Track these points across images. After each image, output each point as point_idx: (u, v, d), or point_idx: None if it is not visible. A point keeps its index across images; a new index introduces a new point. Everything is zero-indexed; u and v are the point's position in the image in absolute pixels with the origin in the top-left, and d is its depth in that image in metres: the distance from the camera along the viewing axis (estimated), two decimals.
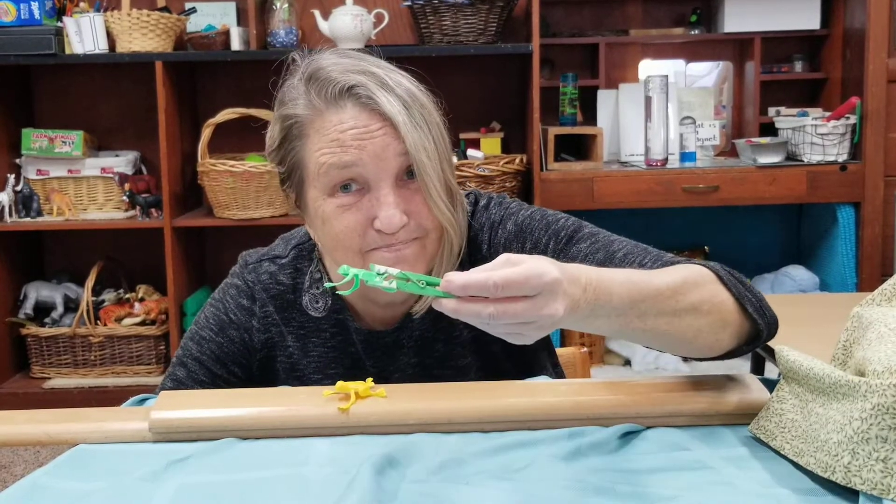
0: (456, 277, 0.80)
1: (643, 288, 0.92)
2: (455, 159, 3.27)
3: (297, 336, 1.24)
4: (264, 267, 1.25)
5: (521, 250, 1.17)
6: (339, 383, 1.03)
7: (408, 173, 1.09)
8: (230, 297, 1.25)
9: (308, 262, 1.25)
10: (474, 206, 1.23)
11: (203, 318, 1.25)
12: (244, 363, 1.24)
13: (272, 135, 1.15)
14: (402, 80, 1.11)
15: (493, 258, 1.06)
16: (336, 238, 1.10)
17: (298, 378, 1.24)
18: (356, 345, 1.23)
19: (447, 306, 0.82)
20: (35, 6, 3.19)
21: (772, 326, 1.04)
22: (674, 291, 0.95)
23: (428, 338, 1.22)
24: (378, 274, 0.85)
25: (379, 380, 1.21)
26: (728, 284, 1.01)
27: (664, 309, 0.94)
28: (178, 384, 1.22)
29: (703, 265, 1.03)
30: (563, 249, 1.15)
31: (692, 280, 0.98)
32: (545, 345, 1.30)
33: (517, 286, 0.80)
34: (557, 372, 1.33)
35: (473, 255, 1.21)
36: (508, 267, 0.81)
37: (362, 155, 1.06)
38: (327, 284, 1.19)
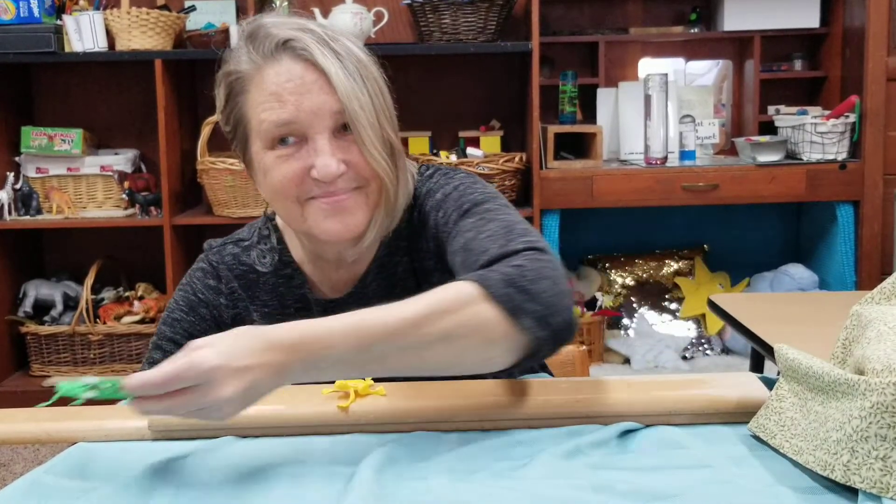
0: (131, 379, 0.84)
1: (375, 331, 0.91)
2: (455, 158, 3.27)
3: (262, 314, 1.27)
4: (228, 249, 1.30)
5: (436, 220, 1.19)
6: (338, 381, 1.03)
7: (345, 127, 1.11)
8: (196, 280, 1.29)
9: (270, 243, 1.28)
10: (421, 176, 1.25)
11: (173, 303, 1.29)
12: None
13: (219, 96, 1.18)
14: (344, 41, 1.13)
15: (423, 226, 1.18)
16: (275, 188, 1.13)
17: None
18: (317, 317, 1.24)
19: (133, 407, 0.86)
20: (34, 4, 3.18)
21: (560, 334, 0.98)
22: (416, 325, 0.92)
23: (385, 304, 1.23)
24: (84, 386, 0.86)
25: None
26: (499, 299, 0.95)
27: (407, 344, 0.92)
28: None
29: (480, 277, 0.97)
30: (455, 222, 1.15)
31: (443, 307, 0.94)
32: None
33: (179, 380, 0.84)
34: None
35: (412, 222, 1.23)
36: (180, 356, 0.85)
37: (299, 113, 1.09)
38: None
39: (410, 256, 1.24)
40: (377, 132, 1.11)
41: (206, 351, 0.86)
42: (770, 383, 1.04)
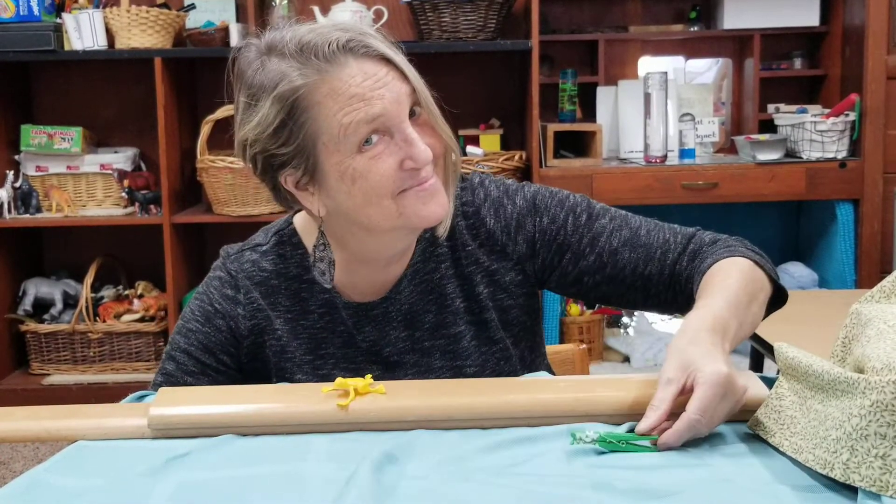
0: (670, 438, 0.92)
1: (737, 301, 1.06)
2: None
3: (284, 320, 1.23)
4: (246, 256, 1.24)
5: (538, 224, 1.23)
6: (339, 380, 1.02)
7: (410, 112, 1.12)
8: (213, 289, 1.24)
9: (290, 247, 1.24)
10: (465, 183, 1.25)
11: (189, 312, 1.24)
12: (232, 352, 1.23)
13: (265, 121, 1.09)
14: (372, 31, 1.14)
15: (506, 230, 1.23)
16: (372, 189, 1.09)
17: (290, 360, 1.23)
18: (346, 322, 1.22)
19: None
20: (34, 2, 3.18)
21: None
22: (745, 292, 1.09)
23: (417, 310, 1.23)
24: (580, 440, 0.93)
25: (371, 355, 1.21)
26: (760, 265, 1.15)
27: (744, 308, 1.08)
28: (168, 377, 1.21)
29: (733, 252, 1.16)
30: (586, 225, 1.23)
31: (746, 276, 1.11)
32: (537, 317, 1.32)
33: (713, 405, 0.92)
34: (542, 353, 1.35)
35: (477, 229, 1.23)
36: (672, 386, 0.94)
37: (385, 104, 1.08)
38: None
39: (454, 262, 1.23)
40: (435, 106, 1.14)
41: (712, 364, 0.93)
42: (769, 382, 1.04)
